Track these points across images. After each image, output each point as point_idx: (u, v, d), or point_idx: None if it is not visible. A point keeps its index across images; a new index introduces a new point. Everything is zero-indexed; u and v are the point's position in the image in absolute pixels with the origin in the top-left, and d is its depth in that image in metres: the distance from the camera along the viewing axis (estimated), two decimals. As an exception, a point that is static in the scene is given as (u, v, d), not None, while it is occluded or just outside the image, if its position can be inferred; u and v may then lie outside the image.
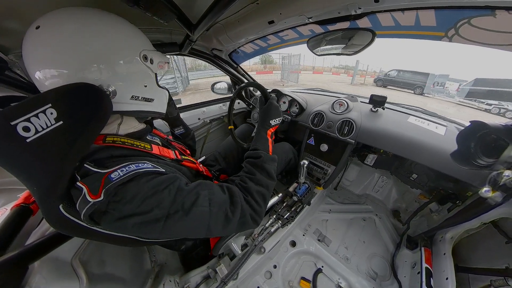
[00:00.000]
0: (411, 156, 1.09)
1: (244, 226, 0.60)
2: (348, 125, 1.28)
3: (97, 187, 0.43)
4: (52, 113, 0.40)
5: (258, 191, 0.65)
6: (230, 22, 1.03)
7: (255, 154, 0.73)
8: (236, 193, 0.60)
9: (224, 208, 0.56)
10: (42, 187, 0.42)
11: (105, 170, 0.46)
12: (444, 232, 1.06)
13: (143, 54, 0.56)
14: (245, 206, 0.59)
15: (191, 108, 1.64)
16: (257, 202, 0.63)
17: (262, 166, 0.70)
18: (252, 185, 0.65)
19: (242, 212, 0.58)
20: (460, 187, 1.05)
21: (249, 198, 0.62)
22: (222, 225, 0.55)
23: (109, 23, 0.50)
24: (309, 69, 26.19)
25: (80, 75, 0.46)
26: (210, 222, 0.53)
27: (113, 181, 0.44)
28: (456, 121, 1.17)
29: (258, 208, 0.63)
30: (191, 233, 0.54)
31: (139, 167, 0.49)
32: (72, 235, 0.61)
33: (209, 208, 0.53)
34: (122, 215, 0.45)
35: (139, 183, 0.47)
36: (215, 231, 0.55)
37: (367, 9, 0.76)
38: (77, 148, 0.44)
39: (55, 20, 0.45)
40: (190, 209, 0.51)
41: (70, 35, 0.44)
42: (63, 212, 0.47)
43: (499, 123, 0.68)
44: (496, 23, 0.60)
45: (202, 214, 0.52)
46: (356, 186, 1.81)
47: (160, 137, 0.81)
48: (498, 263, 0.86)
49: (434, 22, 0.71)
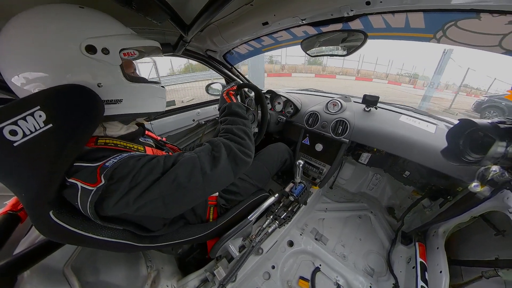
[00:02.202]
0: (404, 154, 1.12)
1: (237, 161, 0.59)
2: (342, 125, 1.30)
3: (94, 176, 0.43)
4: (41, 115, 0.39)
5: (238, 127, 0.67)
6: (224, 23, 1.03)
7: (221, 110, 0.77)
8: (215, 139, 0.62)
9: (208, 151, 0.57)
10: (31, 193, 0.41)
11: (98, 162, 0.46)
12: (436, 227, 1.09)
13: (86, 45, 0.45)
14: (227, 143, 0.60)
15: (185, 109, 1.62)
16: (239, 136, 0.64)
17: (231, 112, 0.74)
18: (229, 127, 0.67)
19: (227, 148, 0.58)
20: (451, 183, 1.08)
21: (229, 135, 0.64)
22: (210, 164, 0.54)
23: (47, 17, 0.43)
24: (350, 73, 20.84)
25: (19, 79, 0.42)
26: (202, 165, 0.53)
27: (109, 166, 0.44)
28: (446, 119, 1.21)
29: (243, 140, 0.63)
30: (189, 185, 0.51)
31: (130, 154, 0.51)
32: (64, 242, 0.58)
33: (197, 154, 0.55)
34: (122, 192, 0.45)
35: (131, 161, 0.48)
36: (210, 178, 0.54)
37: (359, 11, 0.77)
38: (68, 151, 0.43)
39: (9, 25, 0.42)
40: (176, 159, 0.52)
41: (13, 39, 0.41)
42: (54, 219, 0.45)
43: (486, 121, 0.71)
44: (481, 26, 0.62)
45: (191, 159, 0.53)
46: (351, 185, 1.84)
47: (154, 138, 0.80)
48: (489, 254, 0.89)
49: (423, 24, 0.74)
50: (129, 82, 0.54)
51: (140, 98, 0.58)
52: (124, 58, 0.52)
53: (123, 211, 0.47)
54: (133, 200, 0.45)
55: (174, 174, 0.50)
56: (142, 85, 0.58)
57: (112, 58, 0.49)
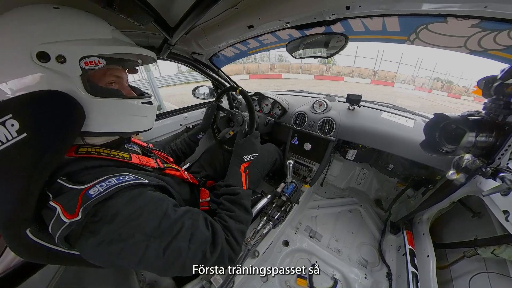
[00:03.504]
0: (387, 148, 1.19)
1: (218, 265, 0.56)
2: (329, 124, 1.35)
3: (73, 206, 0.38)
4: (14, 124, 0.36)
5: (238, 229, 0.62)
6: (210, 26, 1.03)
7: (232, 191, 0.71)
8: (218, 233, 0.55)
9: (204, 247, 0.51)
10: (4, 211, 0.37)
11: (82, 186, 0.41)
12: (421, 214, 1.17)
13: (38, 51, 0.38)
14: (225, 247, 0.55)
15: (172, 114, 1.57)
16: (237, 241, 0.60)
17: (240, 203, 0.68)
18: (232, 223, 0.62)
19: (221, 253, 0.54)
20: (430, 172, 1.17)
21: (230, 238, 0.58)
22: (198, 263, 0.49)
23: (8, 21, 0.40)
24: (364, 75, 16.12)
25: None
26: (186, 261, 0.47)
27: (92, 198, 0.39)
28: (423, 114, 1.31)
29: (237, 248, 0.60)
30: (164, 270, 0.48)
31: (120, 181, 0.44)
32: (45, 263, 0.54)
33: (188, 245, 0.48)
34: (101, 239, 0.40)
35: (120, 200, 0.42)
36: (189, 269, 0.48)
37: (340, 15, 0.82)
38: (46, 162, 0.39)
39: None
40: (170, 242, 0.45)
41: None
42: (32, 238, 0.41)
43: (457, 115, 0.78)
44: (448, 28, 0.69)
45: (180, 251, 0.46)
46: (340, 181, 1.90)
47: (140, 145, 0.77)
48: (468, 235, 0.97)
49: (398, 28, 0.80)
50: (91, 96, 0.45)
51: (106, 115, 0.49)
52: (86, 68, 0.43)
53: (95, 259, 0.42)
54: (108, 254, 0.41)
55: (156, 253, 0.44)
56: (110, 100, 0.49)
57: (68, 68, 0.41)
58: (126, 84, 0.58)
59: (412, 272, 0.96)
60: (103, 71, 0.50)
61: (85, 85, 0.45)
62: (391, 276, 1.11)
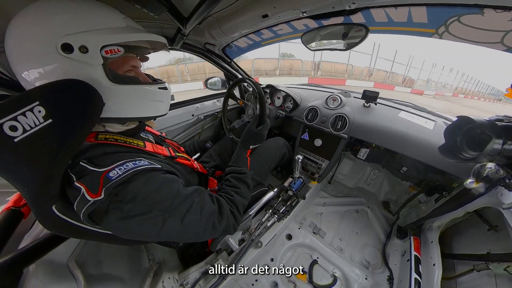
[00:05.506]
0: (402, 150, 1.13)
1: (225, 233, 0.67)
2: (342, 120, 1.30)
3: (96, 186, 0.43)
4: (40, 111, 0.38)
5: (241, 202, 0.73)
6: (223, 15, 1.01)
7: (240, 170, 0.82)
8: (223, 205, 0.65)
9: (213, 218, 0.60)
10: (33, 189, 0.41)
11: (102, 168, 0.45)
12: (431, 221, 1.12)
13: (62, 43, 0.41)
14: (230, 217, 0.65)
15: (185, 104, 1.61)
16: (240, 213, 0.71)
17: (245, 181, 0.79)
18: (237, 198, 0.72)
19: (227, 222, 0.64)
20: (447, 179, 1.10)
21: (234, 209, 0.68)
22: (209, 232, 0.60)
23: (31, 15, 0.42)
24: (398, 83, 14.07)
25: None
26: (199, 230, 0.58)
27: (113, 180, 0.44)
28: (444, 116, 1.21)
29: (240, 218, 0.70)
30: (181, 237, 0.61)
31: (136, 165, 0.49)
32: (68, 236, 0.60)
33: (200, 217, 0.57)
34: (124, 214, 0.46)
35: (138, 182, 0.48)
36: (202, 237, 0.61)
37: (361, 4, 0.76)
38: (68, 146, 0.43)
39: (11, 23, 0.42)
40: (185, 215, 0.54)
41: (8, 38, 0.42)
42: (57, 213, 0.46)
43: (484, 118, 0.71)
44: (484, 21, 0.61)
45: (194, 222, 0.56)
46: (349, 180, 1.85)
47: (154, 134, 0.80)
48: (481, 248, 0.92)
49: (425, 19, 0.72)
50: (113, 84, 0.48)
51: (126, 101, 0.52)
52: (106, 56, 0.46)
53: (117, 231, 0.50)
54: (131, 226, 0.47)
55: (175, 226, 0.52)
56: (130, 87, 0.52)
57: (91, 57, 0.44)
58: (141, 71, 0.61)
59: (415, 279, 0.94)
60: (122, 59, 0.53)
61: (107, 73, 0.48)
62: (393, 280, 1.09)
